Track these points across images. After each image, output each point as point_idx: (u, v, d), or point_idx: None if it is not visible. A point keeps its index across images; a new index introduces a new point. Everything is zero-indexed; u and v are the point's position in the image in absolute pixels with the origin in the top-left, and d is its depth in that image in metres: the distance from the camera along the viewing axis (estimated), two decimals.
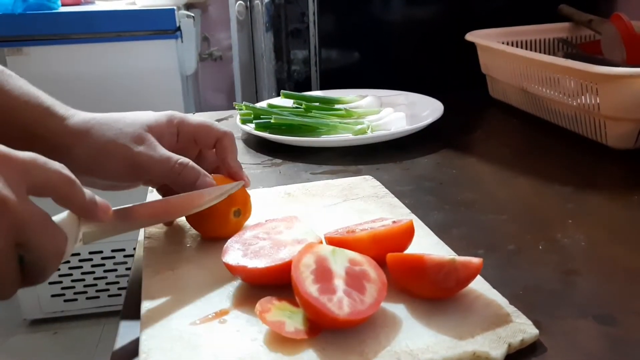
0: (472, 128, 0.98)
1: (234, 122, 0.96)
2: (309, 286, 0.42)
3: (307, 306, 0.41)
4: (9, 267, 0.37)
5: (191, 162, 0.54)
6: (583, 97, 0.83)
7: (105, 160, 0.53)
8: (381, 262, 0.47)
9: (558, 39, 1.11)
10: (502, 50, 0.96)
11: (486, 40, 1.04)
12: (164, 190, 0.60)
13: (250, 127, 0.89)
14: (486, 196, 0.70)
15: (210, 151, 0.60)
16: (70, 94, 1.67)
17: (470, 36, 1.05)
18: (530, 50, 1.10)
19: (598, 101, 0.79)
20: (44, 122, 0.53)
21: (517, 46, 1.09)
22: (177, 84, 1.76)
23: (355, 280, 0.44)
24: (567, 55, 1.03)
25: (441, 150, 0.85)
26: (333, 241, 0.50)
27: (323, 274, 0.43)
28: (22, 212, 0.37)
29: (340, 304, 0.42)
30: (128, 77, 1.72)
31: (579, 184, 0.72)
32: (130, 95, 1.71)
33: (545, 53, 1.10)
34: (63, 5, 1.78)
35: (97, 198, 0.44)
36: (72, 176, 0.41)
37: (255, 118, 0.90)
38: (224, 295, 0.48)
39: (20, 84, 0.53)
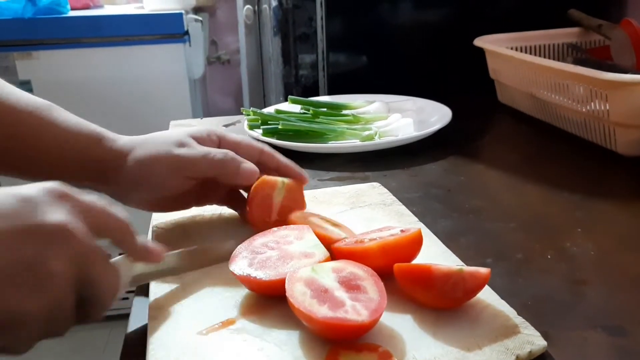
0: (481, 134, 0.97)
1: (241, 128, 0.96)
2: (321, 310, 0.42)
3: (331, 329, 0.41)
4: (67, 300, 0.38)
5: (231, 152, 0.56)
6: (592, 103, 0.82)
7: (152, 167, 0.55)
8: (390, 272, 0.47)
9: (567, 44, 1.11)
10: (511, 56, 0.96)
11: (495, 45, 1.03)
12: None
13: (257, 133, 0.89)
14: (494, 203, 0.70)
15: None
16: (79, 97, 1.68)
17: (479, 41, 1.05)
18: (540, 55, 1.10)
19: (607, 108, 0.78)
20: (96, 147, 0.56)
21: (526, 51, 1.08)
22: (184, 87, 1.77)
23: (349, 284, 0.45)
24: (576, 61, 1.02)
25: (449, 157, 0.85)
26: (341, 252, 0.50)
27: (322, 294, 0.43)
28: (87, 246, 0.38)
29: (356, 310, 0.42)
30: (136, 81, 1.72)
31: (588, 191, 0.71)
32: (138, 99, 1.72)
33: (554, 58, 1.10)
34: (72, 9, 1.79)
35: (150, 242, 0.47)
36: (128, 221, 0.43)
37: (262, 124, 0.90)
38: (230, 304, 0.48)
39: (69, 116, 0.57)
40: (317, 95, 1.20)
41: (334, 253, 0.51)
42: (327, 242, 0.52)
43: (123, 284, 0.44)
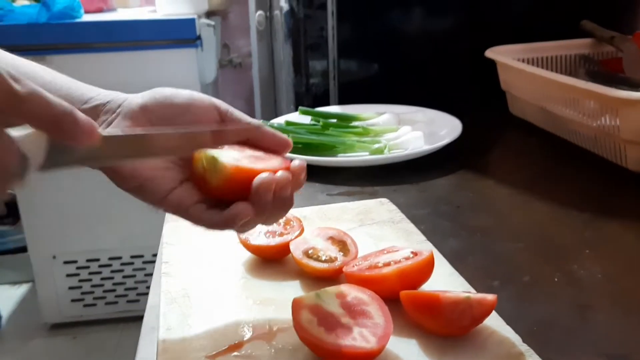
0: (491, 147, 0.97)
1: None
2: (329, 338, 0.42)
3: (340, 357, 0.42)
4: None
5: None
6: (603, 118, 0.82)
7: None
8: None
9: (579, 55, 1.10)
10: (522, 70, 0.95)
11: (506, 56, 1.03)
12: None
13: None
14: (502, 222, 0.70)
15: None
16: None
17: (490, 53, 1.05)
18: (551, 66, 1.09)
19: (618, 124, 0.78)
20: None
21: (537, 62, 1.08)
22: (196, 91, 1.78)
23: (355, 310, 0.45)
24: (588, 73, 1.02)
25: (459, 171, 0.85)
26: (356, 279, 0.50)
27: (328, 321, 0.44)
28: None
29: (363, 337, 0.43)
30: (148, 86, 1.73)
31: (597, 210, 0.71)
32: None
33: (566, 69, 1.09)
34: (85, 12, 1.80)
35: (80, 114, 0.34)
36: (40, 90, 0.33)
37: None
38: (238, 325, 0.48)
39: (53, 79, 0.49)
40: (328, 104, 1.20)
41: (347, 277, 0.52)
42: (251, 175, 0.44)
43: (28, 165, 0.35)
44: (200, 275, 0.56)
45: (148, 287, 1.82)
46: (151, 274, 0.58)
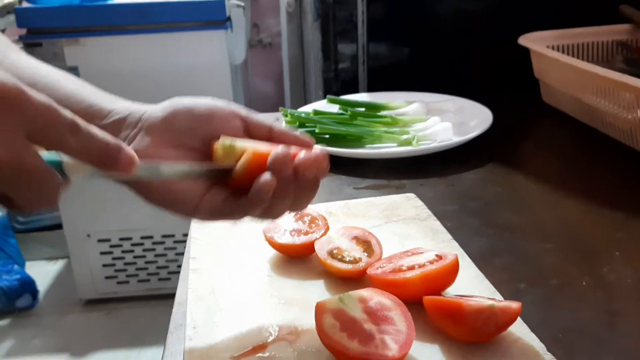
0: (522, 138, 0.95)
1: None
2: (351, 344, 0.43)
3: None
4: None
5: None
6: (639, 110, 0.79)
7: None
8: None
9: (617, 42, 1.07)
10: (556, 59, 0.93)
11: (540, 42, 1.00)
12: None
13: None
14: (531, 220, 0.69)
15: None
16: (123, 83, 1.71)
17: (524, 40, 1.02)
18: (587, 53, 1.06)
19: None
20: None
21: (572, 50, 1.05)
22: (226, 73, 1.78)
23: (377, 316, 0.45)
24: (625, 60, 0.99)
25: (488, 164, 0.84)
26: (379, 282, 0.51)
27: (351, 326, 0.44)
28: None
29: (385, 344, 0.43)
30: (178, 68, 1.74)
31: (630, 209, 0.70)
32: (179, 85, 1.74)
33: (602, 57, 1.06)
34: None
35: (125, 148, 0.39)
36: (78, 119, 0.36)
37: (300, 126, 0.91)
38: (262, 326, 0.49)
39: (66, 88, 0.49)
40: (357, 90, 1.19)
41: (371, 280, 0.52)
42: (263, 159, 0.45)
43: (67, 183, 0.39)
44: (227, 273, 0.57)
45: (179, 266, 1.86)
46: (181, 254, 0.59)
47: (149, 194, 0.46)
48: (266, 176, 0.43)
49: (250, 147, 0.45)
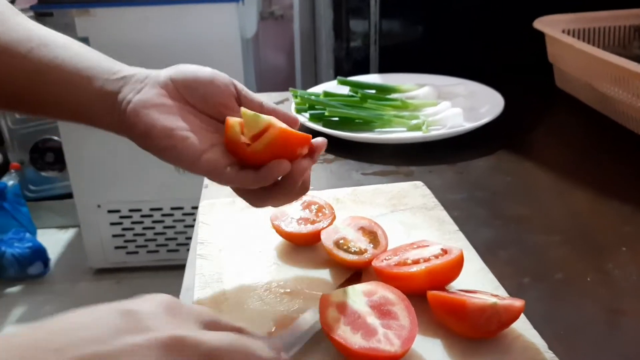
0: (533, 125, 0.94)
1: (289, 106, 0.96)
2: (354, 338, 0.43)
3: (364, 358, 0.43)
4: None
5: None
6: None
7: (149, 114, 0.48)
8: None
9: (634, 27, 1.04)
10: (570, 45, 0.91)
11: (555, 26, 0.99)
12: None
13: (304, 118, 0.89)
14: (539, 212, 0.69)
15: None
16: (133, 55, 1.71)
17: (539, 24, 1.00)
18: (604, 38, 1.04)
19: None
20: (85, 88, 0.49)
21: (588, 34, 1.03)
22: (237, 46, 1.77)
23: (381, 310, 0.46)
24: None
25: (498, 152, 0.83)
26: (384, 275, 0.51)
27: (354, 319, 0.45)
28: None
29: (388, 339, 0.44)
30: (189, 40, 1.73)
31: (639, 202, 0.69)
32: (190, 58, 1.73)
33: (619, 42, 1.04)
34: None
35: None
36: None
37: (309, 108, 0.90)
38: (267, 316, 0.50)
39: (68, 50, 0.50)
40: (368, 70, 1.18)
41: (376, 272, 0.52)
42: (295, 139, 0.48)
43: None
44: (233, 259, 0.58)
45: (187, 238, 1.88)
46: (190, 226, 0.59)
47: (147, 139, 0.48)
48: (286, 164, 0.47)
49: (277, 124, 0.47)
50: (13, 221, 2.08)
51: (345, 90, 0.98)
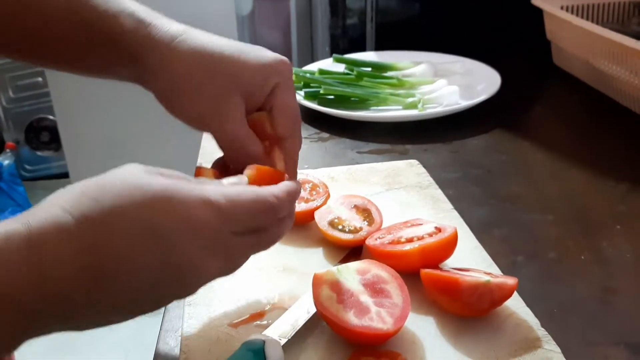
0: (530, 103, 0.94)
1: None
2: (346, 316, 0.43)
3: (356, 335, 0.43)
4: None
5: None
6: None
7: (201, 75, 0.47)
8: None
9: (634, 3, 1.03)
10: (569, 22, 0.90)
11: (554, 2, 0.97)
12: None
13: (299, 96, 0.88)
14: (534, 190, 0.69)
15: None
16: None
17: (537, 0, 0.99)
18: (603, 14, 1.03)
19: None
20: (125, 30, 0.48)
21: (587, 10, 1.02)
22: (232, 24, 1.75)
23: (374, 288, 0.46)
24: None
25: (494, 130, 0.83)
26: (378, 253, 0.51)
27: (347, 297, 0.45)
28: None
29: (381, 317, 0.44)
30: (183, 17, 1.70)
31: (635, 181, 0.69)
32: None
33: (618, 19, 1.03)
34: None
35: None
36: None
37: (304, 86, 0.89)
38: (261, 294, 0.50)
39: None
40: (364, 48, 1.17)
41: (369, 250, 0.52)
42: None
43: None
44: None
45: None
46: None
47: (176, 103, 0.46)
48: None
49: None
50: (9, 200, 2.07)
51: (341, 68, 0.97)
